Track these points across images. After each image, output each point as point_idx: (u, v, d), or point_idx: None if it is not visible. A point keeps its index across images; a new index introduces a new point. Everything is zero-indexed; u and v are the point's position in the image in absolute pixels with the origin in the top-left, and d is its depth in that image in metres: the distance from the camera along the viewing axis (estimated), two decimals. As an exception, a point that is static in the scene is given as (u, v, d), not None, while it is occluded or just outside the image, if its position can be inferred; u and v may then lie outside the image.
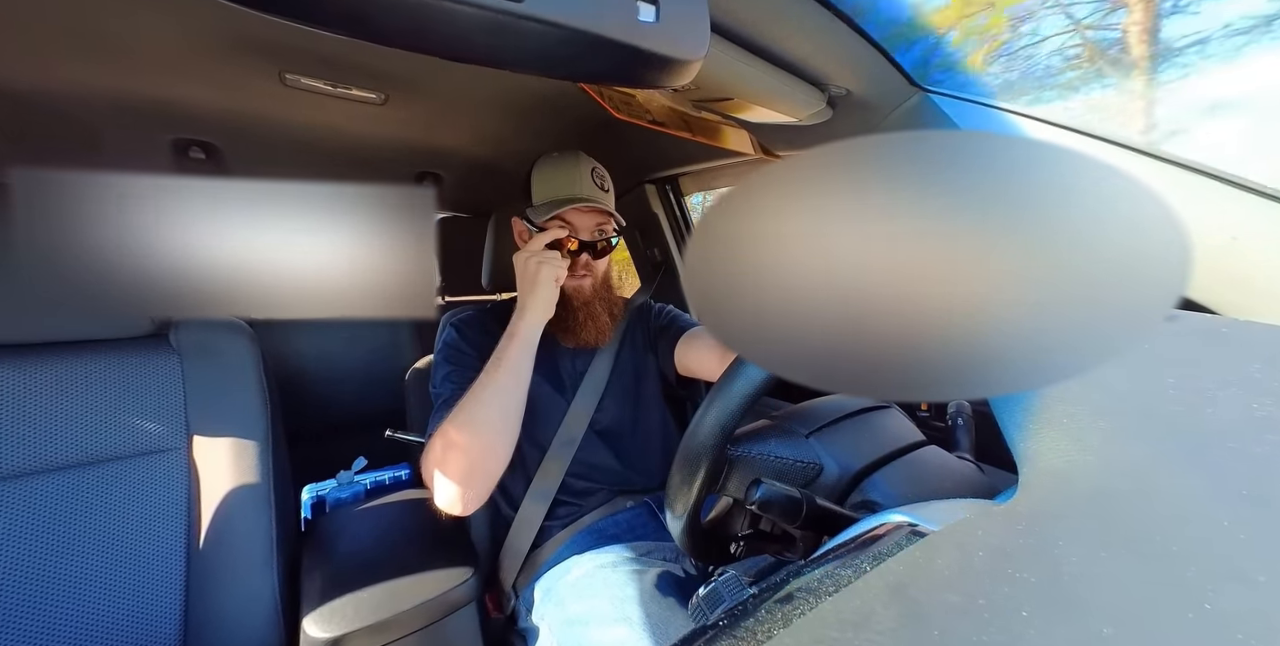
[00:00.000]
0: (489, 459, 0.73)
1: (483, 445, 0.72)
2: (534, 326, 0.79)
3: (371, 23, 0.28)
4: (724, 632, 0.27)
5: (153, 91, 0.85)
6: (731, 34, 0.50)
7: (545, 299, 0.79)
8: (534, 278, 0.79)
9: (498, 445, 0.73)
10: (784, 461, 0.50)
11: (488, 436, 0.72)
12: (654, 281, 1.48)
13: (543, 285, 0.79)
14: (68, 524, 0.69)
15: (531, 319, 0.78)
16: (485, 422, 0.72)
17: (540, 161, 0.91)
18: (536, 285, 0.79)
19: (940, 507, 0.33)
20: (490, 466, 0.73)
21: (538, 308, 0.79)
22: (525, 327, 0.78)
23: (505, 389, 0.74)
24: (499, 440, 0.74)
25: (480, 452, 0.72)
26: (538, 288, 0.79)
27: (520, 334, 0.77)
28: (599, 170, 0.90)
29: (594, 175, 0.89)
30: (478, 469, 0.72)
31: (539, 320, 0.79)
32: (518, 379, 0.76)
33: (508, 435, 0.75)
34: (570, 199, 0.85)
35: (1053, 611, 0.21)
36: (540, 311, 0.79)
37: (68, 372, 0.72)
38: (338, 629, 0.70)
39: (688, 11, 0.36)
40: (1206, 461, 0.26)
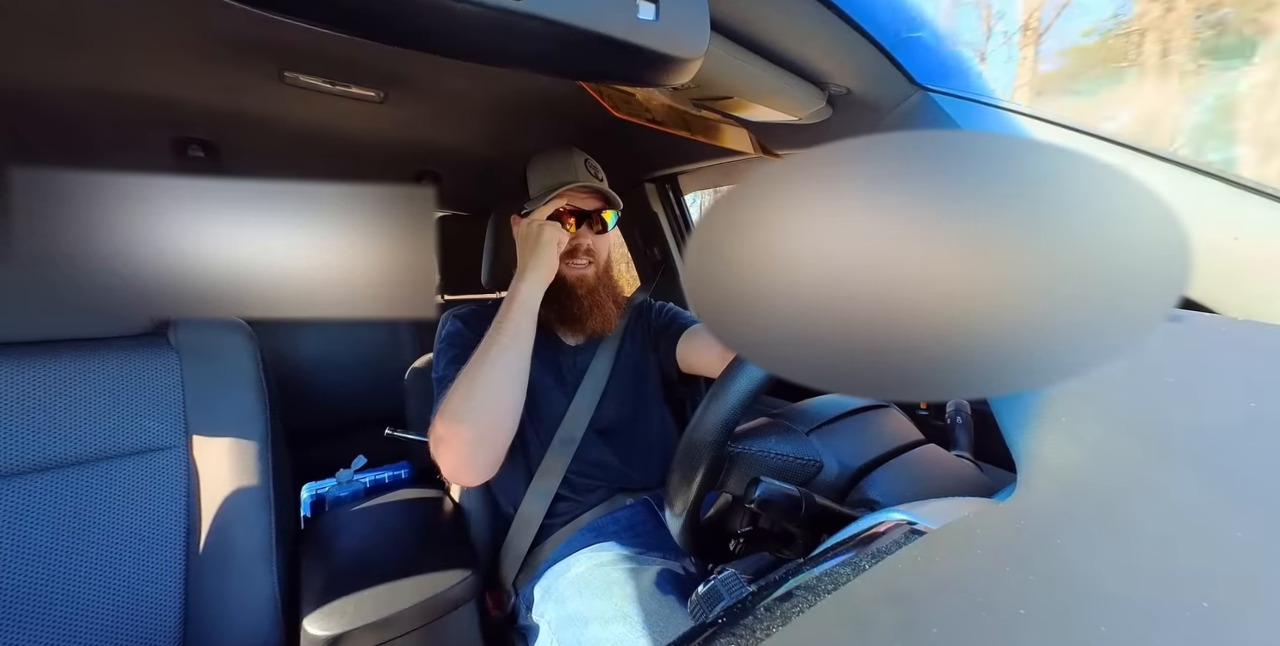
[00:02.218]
0: (495, 424, 0.73)
1: (489, 408, 0.72)
2: (535, 289, 0.78)
3: (371, 21, 0.28)
4: (723, 630, 0.27)
5: (152, 89, 0.85)
6: (731, 32, 0.50)
7: (546, 260, 0.79)
8: (536, 239, 0.79)
9: (503, 409, 0.73)
10: (784, 458, 0.50)
11: (493, 399, 0.72)
12: (654, 280, 1.48)
13: (545, 245, 0.79)
14: (67, 522, 0.69)
15: (533, 279, 0.78)
16: (491, 385, 0.72)
17: (534, 158, 0.93)
18: (539, 245, 0.79)
19: (939, 506, 0.34)
20: (497, 434, 0.73)
21: (539, 268, 0.78)
22: (526, 290, 0.77)
23: (507, 350, 0.73)
24: (505, 403, 0.73)
25: (489, 417, 0.72)
26: (540, 248, 0.79)
27: (521, 296, 0.77)
28: (591, 162, 0.92)
29: (587, 165, 0.90)
30: (486, 434, 0.72)
31: (540, 282, 0.79)
32: (519, 341, 0.75)
33: (513, 398, 0.74)
34: (566, 182, 0.86)
35: (1051, 610, 0.21)
36: (541, 272, 0.79)
37: (66, 371, 0.72)
38: (337, 627, 0.70)
39: (687, 10, 0.36)
40: (1206, 460, 0.26)
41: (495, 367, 0.72)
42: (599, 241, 0.92)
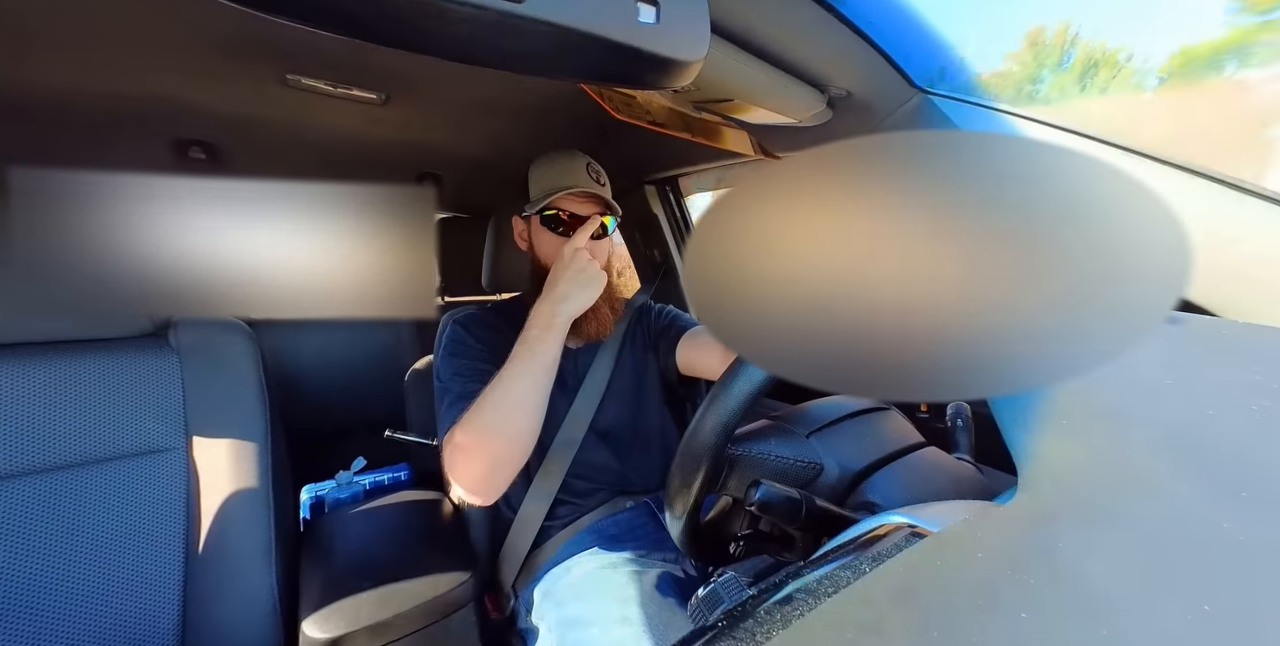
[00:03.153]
0: (515, 447, 0.73)
1: (512, 434, 0.72)
2: (571, 318, 0.78)
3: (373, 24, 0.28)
4: (723, 633, 0.27)
5: (153, 91, 0.85)
6: (732, 35, 0.50)
7: (593, 293, 0.79)
8: (583, 270, 0.79)
9: (525, 434, 0.74)
10: (784, 461, 0.50)
11: (517, 425, 0.73)
12: (654, 282, 1.48)
13: (595, 279, 0.79)
14: (66, 522, 0.69)
15: (572, 309, 0.78)
16: (516, 411, 0.72)
17: (536, 161, 0.93)
18: (592, 278, 0.79)
19: (940, 509, 0.33)
20: (516, 455, 0.74)
21: (582, 299, 0.78)
22: (563, 318, 0.77)
23: (536, 377, 0.74)
24: (527, 428, 0.74)
25: (509, 441, 0.72)
26: (592, 281, 0.79)
27: (557, 325, 0.76)
28: (594, 165, 0.92)
29: (590, 169, 0.90)
30: (505, 458, 0.73)
31: (577, 312, 0.79)
32: (548, 368, 0.75)
33: (535, 423, 0.75)
34: (566, 186, 0.86)
35: (1052, 612, 0.21)
36: (583, 304, 0.79)
37: (67, 372, 0.72)
38: (337, 629, 0.70)
39: (688, 13, 0.36)
40: (1207, 464, 0.26)
41: (523, 396, 0.73)
42: (597, 247, 0.92)
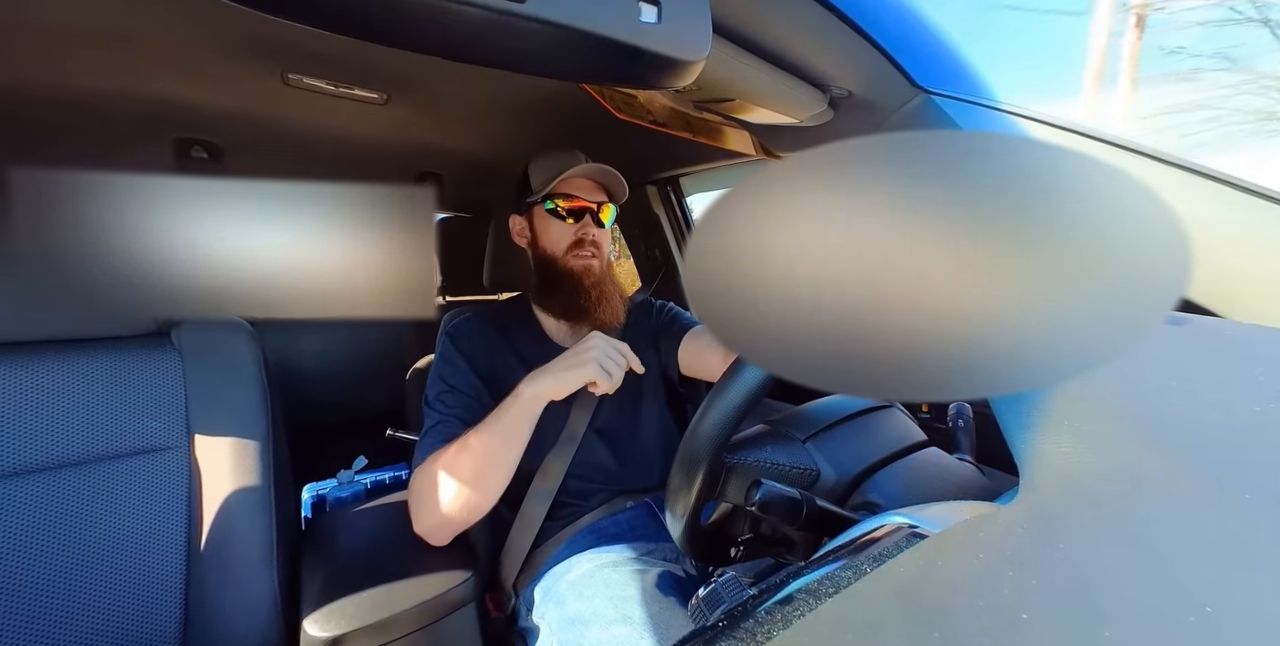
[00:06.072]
0: (468, 510, 0.75)
1: (465, 498, 0.73)
2: (544, 397, 0.74)
3: (374, 23, 0.28)
4: (724, 633, 0.27)
5: (155, 91, 0.85)
6: (733, 35, 0.50)
7: (575, 378, 0.74)
8: (586, 358, 0.74)
9: (481, 499, 0.75)
10: (780, 467, 0.50)
11: (481, 488, 0.74)
12: (654, 281, 1.48)
13: (585, 367, 0.73)
14: (68, 521, 0.69)
15: (543, 389, 0.74)
16: (478, 478, 0.74)
17: (535, 158, 0.94)
18: (583, 363, 0.73)
19: (941, 509, 0.33)
20: (467, 516, 0.76)
21: (560, 381, 0.73)
22: (533, 395, 0.74)
23: (494, 450, 0.74)
24: (491, 490, 0.75)
25: (462, 504, 0.74)
26: (582, 366, 0.73)
27: (524, 399, 0.74)
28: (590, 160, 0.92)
29: (588, 160, 0.91)
30: (456, 517, 0.75)
31: (550, 393, 0.74)
32: (510, 441, 0.75)
33: (500, 484, 0.76)
34: (569, 165, 0.87)
35: (1054, 614, 0.21)
36: (559, 386, 0.74)
37: (69, 371, 0.72)
38: (337, 628, 0.70)
39: (690, 12, 0.36)
40: (1209, 465, 0.26)
41: (481, 463, 0.74)
42: (601, 236, 0.93)
